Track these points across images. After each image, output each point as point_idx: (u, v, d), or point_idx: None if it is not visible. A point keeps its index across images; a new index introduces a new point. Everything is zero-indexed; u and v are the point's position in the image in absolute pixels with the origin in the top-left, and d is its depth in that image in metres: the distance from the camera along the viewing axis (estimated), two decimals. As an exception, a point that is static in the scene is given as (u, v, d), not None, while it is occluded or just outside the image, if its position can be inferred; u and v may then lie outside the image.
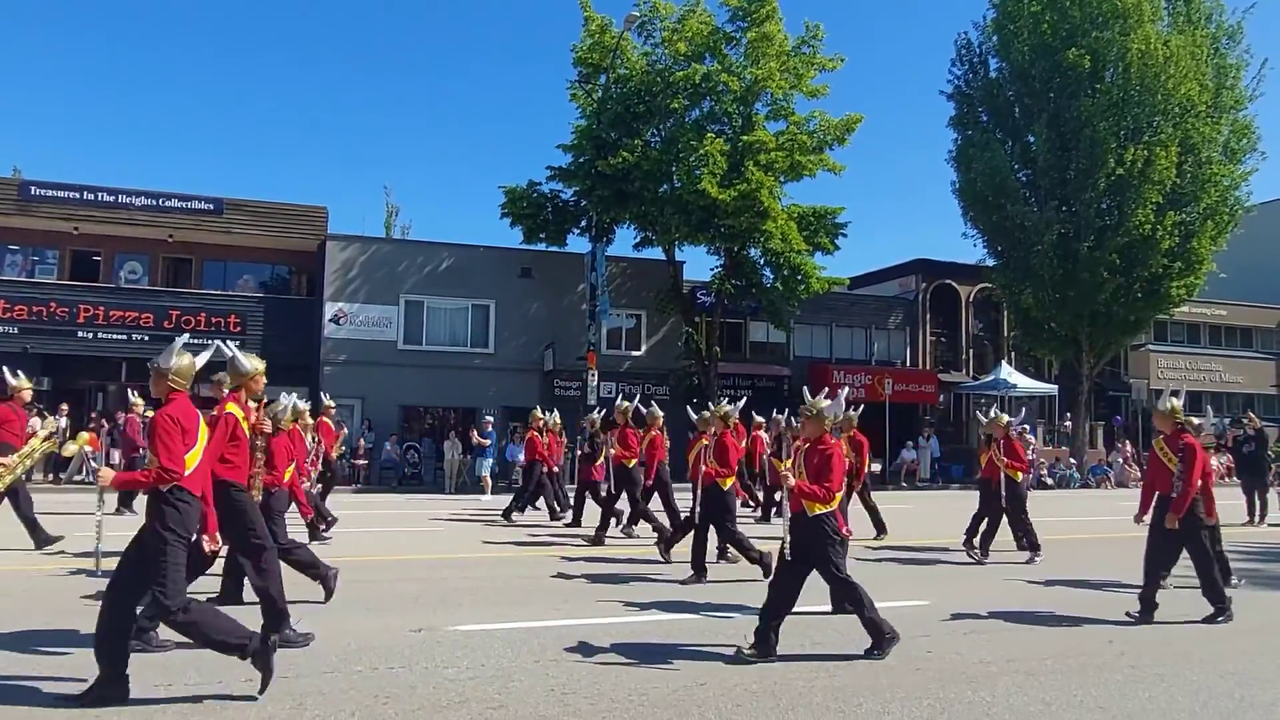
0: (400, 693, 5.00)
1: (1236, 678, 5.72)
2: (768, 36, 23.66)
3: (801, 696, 5.09)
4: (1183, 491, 7.16)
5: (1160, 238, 25.57)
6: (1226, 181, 26.74)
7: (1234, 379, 38.09)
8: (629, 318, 27.28)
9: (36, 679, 5.06)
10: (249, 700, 4.76)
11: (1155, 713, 4.98)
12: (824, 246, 25.56)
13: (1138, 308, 27.42)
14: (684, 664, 5.72)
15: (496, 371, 25.28)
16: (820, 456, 6.03)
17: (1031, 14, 26.73)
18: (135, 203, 24.59)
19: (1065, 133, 26.10)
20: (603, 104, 24.40)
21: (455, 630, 6.46)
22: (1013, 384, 28.17)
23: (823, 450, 6.07)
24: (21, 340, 22.63)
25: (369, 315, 24.81)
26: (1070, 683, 5.48)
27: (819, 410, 6.18)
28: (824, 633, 6.61)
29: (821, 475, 5.93)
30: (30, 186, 24.21)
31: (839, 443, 6.60)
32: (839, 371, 29.20)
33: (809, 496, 5.94)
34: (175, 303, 24.16)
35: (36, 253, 25.20)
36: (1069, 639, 6.69)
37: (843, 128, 24.56)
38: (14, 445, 9.60)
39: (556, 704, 4.88)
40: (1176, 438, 7.50)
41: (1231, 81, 27.22)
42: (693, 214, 22.88)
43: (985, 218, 27.94)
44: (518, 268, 26.31)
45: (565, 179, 25.07)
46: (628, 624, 6.85)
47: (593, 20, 24.60)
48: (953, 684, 5.40)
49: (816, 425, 6.18)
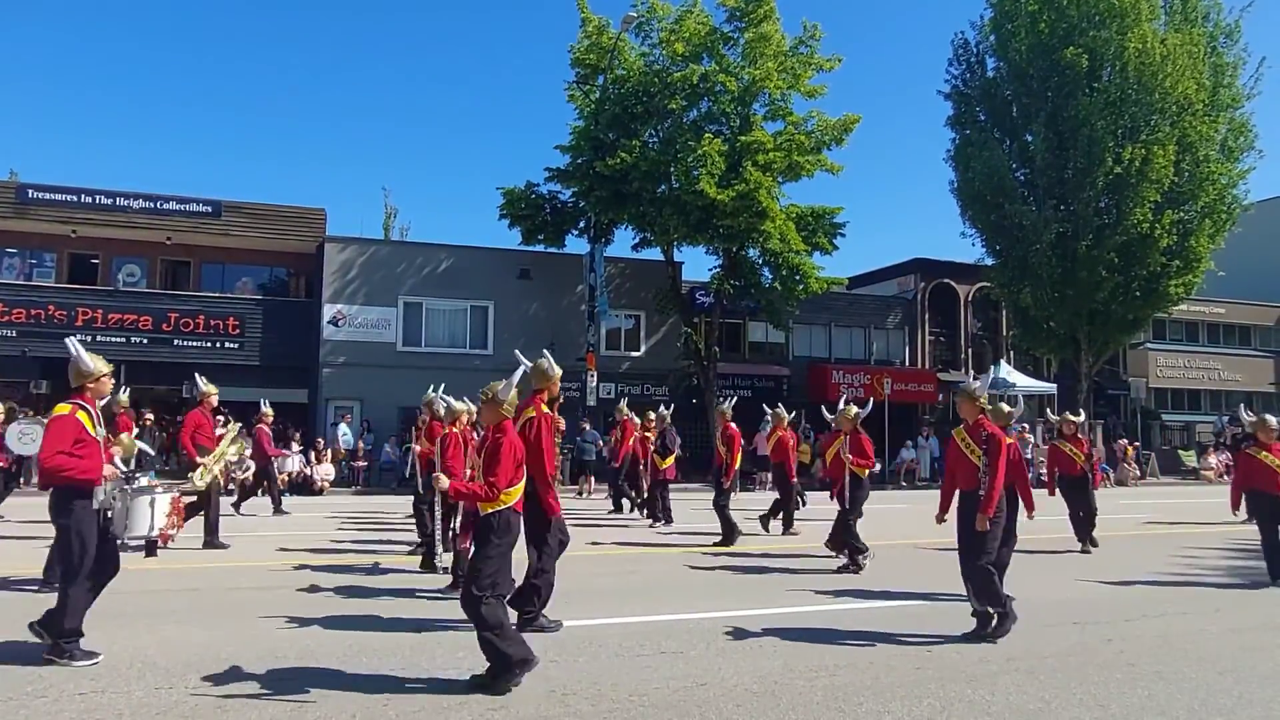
0: (401, 693, 5.00)
1: (1235, 675, 5.73)
2: (765, 37, 23.67)
3: (801, 696, 5.10)
4: (989, 488, 6.45)
5: (1158, 236, 25.59)
6: (1224, 180, 26.74)
7: (1232, 377, 38.14)
8: (628, 318, 27.29)
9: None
10: (250, 700, 4.77)
11: (1154, 710, 4.98)
12: (822, 246, 25.58)
13: (1136, 306, 27.43)
14: (684, 664, 5.73)
15: (496, 373, 25.08)
16: (491, 447, 5.32)
17: (1029, 13, 26.74)
18: (133, 205, 24.55)
19: (1063, 132, 26.11)
20: (601, 105, 24.41)
21: (455, 631, 6.46)
22: (1011, 383, 28.17)
23: (496, 438, 5.33)
24: (20, 343, 22.61)
25: (368, 317, 24.83)
26: (1070, 681, 5.48)
27: (494, 394, 5.43)
28: (825, 631, 6.62)
29: (489, 469, 5.24)
30: (28, 189, 24.19)
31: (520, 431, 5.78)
32: (838, 371, 29.26)
33: (467, 497, 5.37)
34: (174, 305, 24.16)
35: (34, 256, 25.15)
36: (1069, 638, 6.69)
37: (840, 128, 24.56)
38: (208, 449, 9.96)
39: (557, 704, 4.89)
40: (979, 427, 6.71)
41: (1229, 80, 27.24)
42: (691, 214, 22.88)
43: (983, 217, 27.95)
44: (516, 269, 26.32)
45: (563, 180, 25.08)
46: (628, 624, 6.85)
47: (590, 21, 24.61)
48: (953, 683, 5.40)
49: (493, 412, 5.44)
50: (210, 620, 6.76)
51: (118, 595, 6.46)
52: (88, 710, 4.63)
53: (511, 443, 5.32)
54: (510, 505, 5.26)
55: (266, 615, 6.90)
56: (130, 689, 4.99)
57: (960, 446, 6.76)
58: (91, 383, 5.86)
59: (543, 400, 6.72)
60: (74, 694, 4.88)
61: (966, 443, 6.69)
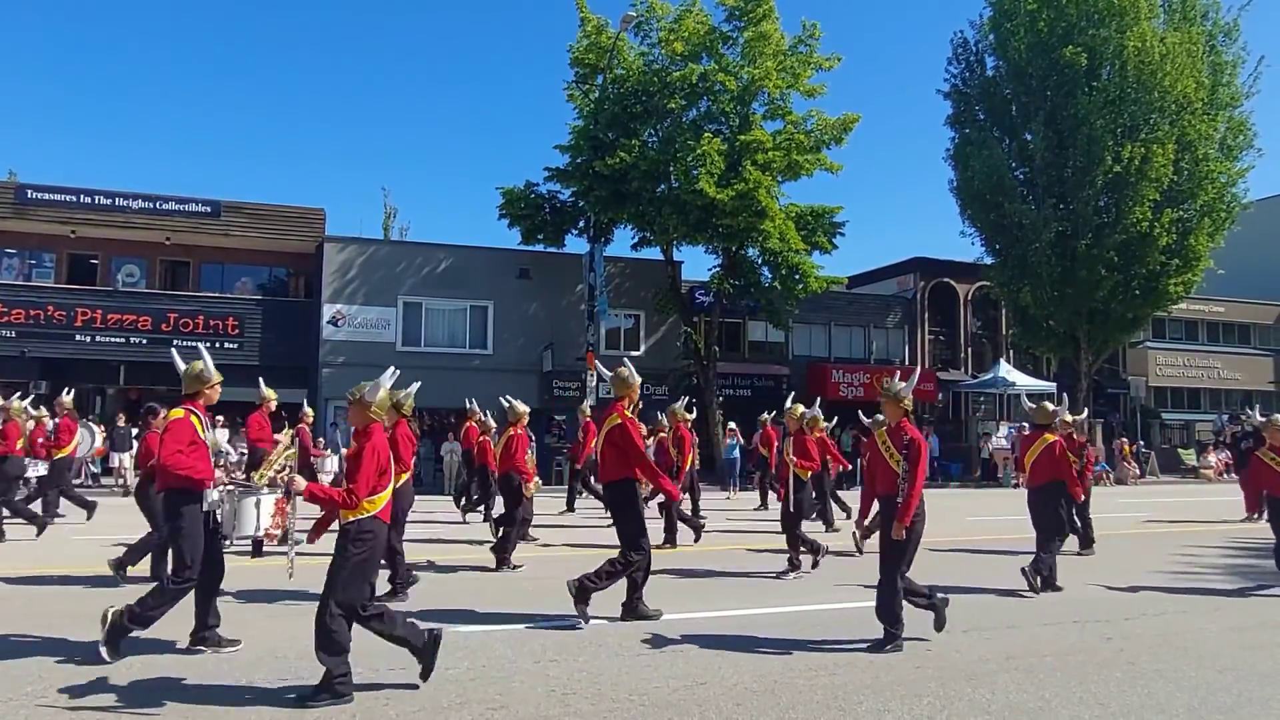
0: (401, 693, 5.00)
1: (1235, 673, 5.73)
2: (764, 36, 23.67)
3: (802, 695, 5.10)
4: (907, 495, 6.04)
5: (1158, 235, 25.59)
6: (1224, 178, 26.76)
7: (1232, 376, 38.15)
8: (627, 318, 27.29)
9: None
10: (249, 705, 4.77)
11: (1154, 708, 4.98)
12: (822, 246, 25.59)
13: (1136, 305, 27.44)
14: (683, 663, 5.73)
15: (495, 373, 25.25)
16: (353, 451, 5.09)
17: (1028, 12, 26.76)
18: (132, 205, 24.55)
19: (1062, 130, 26.12)
20: (600, 104, 24.41)
21: (456, 631, 6.46)
22: (1011, 382, 28.18)
23: (361, 443, 5.08)
24: (19, 344, 22.62)
25: (367, 317, 24.82)
26: (1070, 679, 5.48)
27: (362, 395, 5.20)
28: (824, 630, 6.62)
29: (350, 474, 4.98)
30: (27, 190, 24.19)
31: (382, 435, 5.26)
32: (838, 370, 29.25)
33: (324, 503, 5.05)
34: (173, 305, 24.17)
35: (34, 256, 25.15)
36: (1069, 636, 6.70)
37: (840, 127, 24.57)
38: (268, 452, 10.12)
39: (557, 704, 4.89)
40: (901, 429, 6.31)
41: (1228, 78, 27.25)
42: (690, 214, 22.88)
43: (983, 216, 27.95)
44: (516, 268, 26.32)
45: (563, 179, 25.09)
46: (627, 624, 6.85)
47: (589, 21, 24.62)
48: (953, 682, 5.40)
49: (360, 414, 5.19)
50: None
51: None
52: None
53: (375, 447, 5.01)
54: (372, 514, 4.96)
55: (268, 616, 6.89)
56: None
57: (880, 449, 6.37)
58: (207, 389, 6.13)
59: (624, 407, 7.29)
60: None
61: (887, 446, 6.31)
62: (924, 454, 6.19)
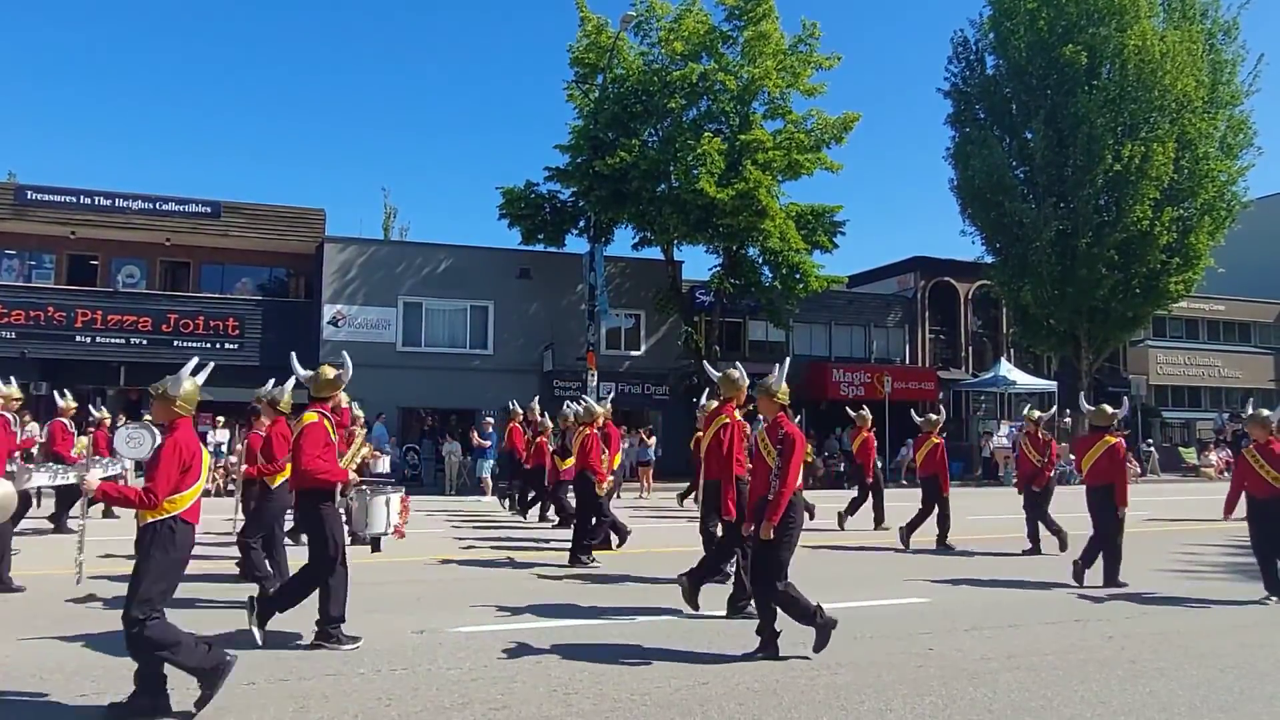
0: (403, 694, 5.00)
1: (1236, 672, 5.73)
2: (764, 35, 23.68)
3: (804, 694, 5.10)
4: (777, 493, 5.79)
5: (1158, 233, 25.59)
6: (1224, 177, 26.74)
7: (1232, 374, 38.13)
8: (628, 318, 27.28)
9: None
10: (252, 701, 4.77)
11: (1156, 707, 4.99)
12: (822, 245, 25.58)
13: (1136, 304, 27.43)
14: (685, 663, 5.73)
15: (496, 373, 25.26)
16: (157, 448, 4.75)
17: (1028, 11, 26.75)
18: (132, 206, 24.54)
19: (1063, 129, 26.12)
20: (600, 104, 24.41)
21: (457, 632, 6.47)
22: (1012, 381, 28.16)
23: (165, 438, 4.73)
24: (19, 345, 22.60)
25: (367, 317, 24.81)
26: (1072, 678, 5.49)
27: (164, 389, 4.79)
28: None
29: (149, 473, 4.59)
30: (26, 191, 24.18)
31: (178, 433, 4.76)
32: (838, 370, 29.23)
33: (119, 502, 4.77)
34: (173, 306, 24.15)
35: (33, 257, 25.15)
36: (1070, 635, 6.70)
37: (840, 126, 24.58)
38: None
39: (559, 704, 4.89)
40: (777, 425, 6.07)
41: (1228, 77, 27.25)
42: (691, 213, 22.88)
43: (983, 215, 27.94)
44: (516, 268, 26.32)
45: (563, 179, 25.09)
46: (628, 625, 6.86)
47: (589, 20, 24.61)
48: (955, 681, 5.41)
49: (164, 409, 4.80)
50: (212, 621, 6.75)
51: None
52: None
53: (178, 444, 4.62)
54: (176, 514, 4.61)
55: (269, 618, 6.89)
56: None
57: (759, 447, 6.14)
58: (336, 393, 6.64)
59: (734, 409, 7.32)
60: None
61: (765, 442, 6.07)
62: (798, 451, 5.85)
